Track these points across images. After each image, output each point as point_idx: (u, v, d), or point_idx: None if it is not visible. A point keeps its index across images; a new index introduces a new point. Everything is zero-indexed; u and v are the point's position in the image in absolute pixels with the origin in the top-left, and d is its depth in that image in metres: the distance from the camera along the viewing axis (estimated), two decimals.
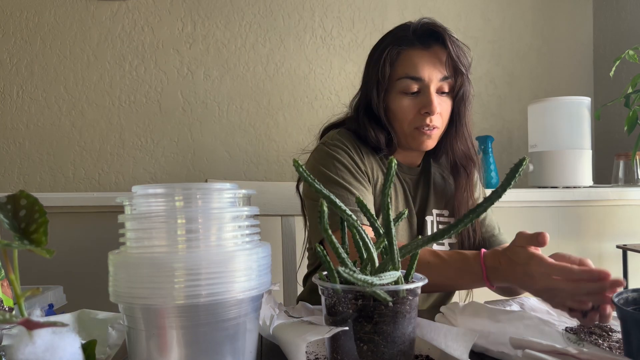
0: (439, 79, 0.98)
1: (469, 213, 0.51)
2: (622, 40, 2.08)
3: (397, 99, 1.00)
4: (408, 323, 0.52)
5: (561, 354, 0.51)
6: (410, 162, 1.09)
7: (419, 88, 0.99)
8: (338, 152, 1.01)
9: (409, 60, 0.99)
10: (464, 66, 1.00)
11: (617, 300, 0.55)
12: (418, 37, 0.99)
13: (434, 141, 1.03)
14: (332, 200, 0.53)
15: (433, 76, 0.98)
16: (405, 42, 1.00)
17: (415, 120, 1.00)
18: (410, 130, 1.01)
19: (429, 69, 0.98)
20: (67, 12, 1.93)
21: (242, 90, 2.01)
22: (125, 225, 0.49)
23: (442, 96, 1.00)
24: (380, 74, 1.00)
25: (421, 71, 0.97)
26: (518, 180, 0.48)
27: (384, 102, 1.02)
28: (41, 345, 0.38)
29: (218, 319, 0.46)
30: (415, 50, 0.99)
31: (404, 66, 0.99)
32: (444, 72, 0.98)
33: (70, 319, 0.70)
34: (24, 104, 1.91)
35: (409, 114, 1.00)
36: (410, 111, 1.00)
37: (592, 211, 1.74)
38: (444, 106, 1.01)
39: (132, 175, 1.95)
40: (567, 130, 1.75)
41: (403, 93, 0.99)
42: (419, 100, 0.99)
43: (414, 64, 0.98)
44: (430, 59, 0.98)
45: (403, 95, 1.00)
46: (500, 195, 0.49)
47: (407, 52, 0.99)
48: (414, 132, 1.01)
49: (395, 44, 1.00)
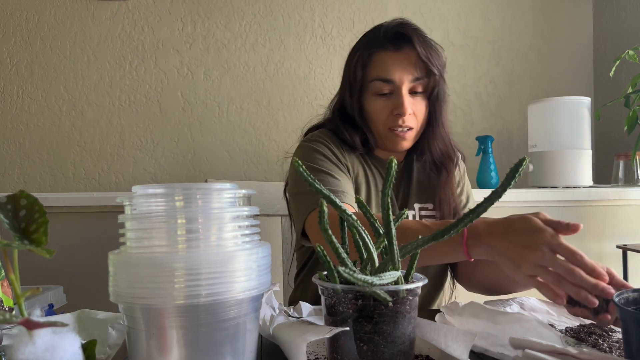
0: (410, 80, 0.99)
1: (469, 213, 0.51)
2: (622, 40, 2.08)
3: (371, 101, 1.02)
4: (408, 323, 0.52)
5: (561, 354, 0.51)
6: None
7: (391, 90, 1.00)
8: (318, 145, 1.04)
9: (380, 62, 1.00)
10: (436, 66, 1.00)
11: (617, 300, 0.55)
12: (389, 39, 1.00)
13: (409, 142, 1.04)
14: (332, 200, 0.53)
15: (404, 77, 0.99)
16: (376, 44, 1.01)
17: (389, 122, 1.01)
18: (384, 132, 1.03)
19: (400, 71, 0.98)
20: (67, 12, 1.93)
21: (242, 90, 2.01)
22: (125, 225, 0.49)
23: (415, 96, 1.01)
24: (352, 77, 1.03)
25: (392, 73, 0.98)
26: (518, 180, 0.48)
27: (358, 104, 1.04)
28: (41, 345, 0.38)
29: (218, 319, 0.46)
30: (386, 52, 1.00)
31: (375, 68, 1.00)
32: (415, 73, 0.99)
33: (70, 319, 0.70)
34: (24, 104, 1.91)
35: (382, 115, 1.01)
36: (383, 112, 1.01)
37: (592, 211, 1.74)
38: (419, 106, 1.01)
39: (132, 175, 1.95)
40: (567, 130, 1.75)
41: (376, 95, 1.01)
42: (391, 101, 1.00)
43: (384, 66, 0.99)
44: (401, 60, 0.99)
45: (376, 96, 1.01)
46: (500, 195, 0.49)
47: (378, 54, 1.01)
48: (388, 133, 1.02)
49: (367, 47, 1.02)
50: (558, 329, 0.71)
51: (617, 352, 0.61)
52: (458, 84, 2.15)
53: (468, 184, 1.17)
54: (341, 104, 1.08)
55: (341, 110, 1.08)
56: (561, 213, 1.73)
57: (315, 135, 1.08)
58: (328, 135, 1.07)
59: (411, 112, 1.00)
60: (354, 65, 1.03)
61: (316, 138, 1.07)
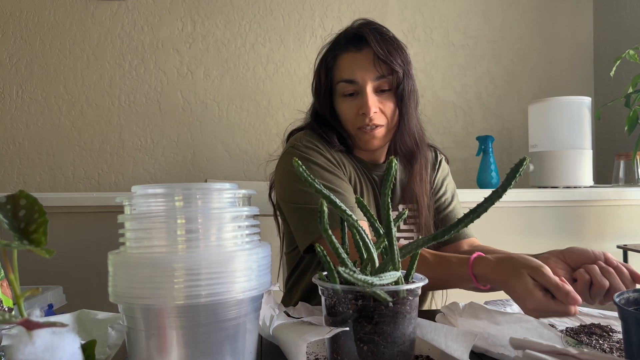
0: (373, 79, 1.00)
1: (469, 213, 0.51)
2: (622, 40, 2.08)
3: (340, 102, 1.05)
4: (408, 323, 0.52)
5: (561, 354, 0.51)
6: (374, 159, 1.12)
7: (356, 90, 1.02)
8: (311, 153, 1.03)
9: (343, 64, 1.03)
10: (398, 64, 1.00)
11: (618, 301, 0.55)
12: (350, 41, 1.03)
13: (379, 140, 1.05)
14: (332, 201, 0.53)
15: (366, 77, 1.00)
16: (339, 46, 1.04)
17: (357, 121, 1.03)
18: (354, 131, 1.05)
19: (361, 71, 1.00)
20: (67, 12, 1.93)
21: (242, 90, 2.01)
22: (125, 225, 0.48)
23: (382, 94, 1.02)
24: (319, 81, 1.07)
25: (354, 74, 1.01)
26: (518, 180, 0.48)
27: (328, 106, 1.07)
28: (41, 345, 0.38)
29: (218, 319, 0.46)
30: (348, 53, 1.03)
31: (339, 70, 1.03)
32: (376, 72, 1.00)
33: (70, 319, 0.70)
34: (24, 104, 1.91)
35: (349, 116, 1.04)
36: (351, 112, 1.03)
37: (593, 211, 1.74)
38: (386, 104, 1.02)
39: (132, 175, 1.95)
40: (567, 130, 1.75)
41: (343, 96, 1.04)
42: (357, 101, 1.02)
43: (347, 68, 1.02)
44: (362, 60, 1.01)
45: (343, 98, 1.04)
46: (500, 195, 0.49)
47: (341, 56, 1.04)
48: (358, 133, 1.04)
49: (331, 50, 1.06)
50: (558, 329, 0.71)
51: (618, 353, 0.61)
52: (458, 84, 2.15)
53: (453, 184, 1.20)
54: (315, 108, 1.12)
55: (316, 114, 1.11)
56: (561, 213, 1.73)
57: (303, 139, 1.06)
58: (314, 136, 1.08)
59: (377, 111, 1.01)
60: (320, 69, 1.07)
61: (305, 144, 1.05)
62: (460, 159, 2.14)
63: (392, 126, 1.05)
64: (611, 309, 0.80)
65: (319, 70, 1.07)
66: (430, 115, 2.14)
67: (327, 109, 1.07)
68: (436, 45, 2.11)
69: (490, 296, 0.93)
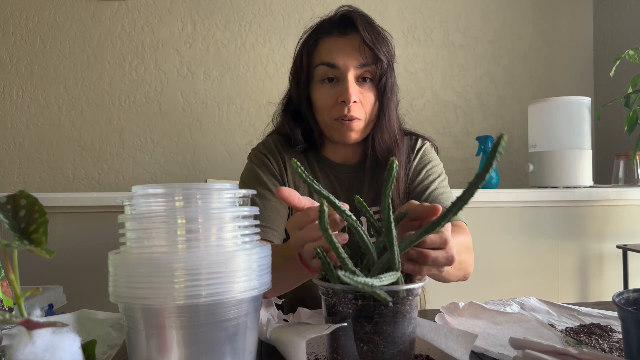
0: (356, 66, 0.95)
1: (456, 201, 0.49)
2: (622, 40, 2.08)
3: (317, 88, 0.99)
4: (408, 323, 0.52)
5: (561, 354, 0.51)
6: (346, 159, 1.06)
7: (336, 75, 0.96)
8: (258, 165, 1.03)
9: (325, 47, 0.97)
10: (383, 53, 0.95)
11: (617, 300, 0.55)
12: (335, 25, 0.98)
13: (356, 133, 0.98)
14: (332, 201, 0.53)
15: (349, 63, 0.95)
16: (322, 30, 0.99)
17: (334, 111, 0.97)
18: (330, 121, 0.98)
19: (345, 56, 0.95)
20: (67, 12, 1.93)
21: (242, 90, 2.01)
22: (125, 225, 0.48)
23: (363, 84, 0.97)
24: (299, 64, 1.01)
25: (337, 58, 0.95)
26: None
27: (305, 93, 1.00)
28: (41, 345, 0.38)
29: (218, 319, 0.46)
30: (332, 38, 0.97)
31: (320, 54, 0.98)
32: (360, 59, 0.95)
33: (70, 319, 0.70)
34: (24, 104, 1.91)
35: (327, 103, 0.97)
36: (329, 100, 0.97)
37: (593, 211, 1.74)
38: (367, 95, 0.97)
39: (132, 175, 1.95)
40: (567, 130, 1.75)
41: (322, 82, 0.97)
42: (337, 88, 0.96)
43: (329, 51, 0.96)
44: (347, 46, 0.95)
45: (322, 83, 0.98)
46: (483, 177, 0.45)
47: (324, 40, 0.98)
48: (335, 124, 0.98)
49: (313, 33, 1.00)
50: (558, 329, 0.71)
51: (618, 353, 0.61)
52: (458, 84, 2.15)
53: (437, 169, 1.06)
54: (289, 97, 1.06)
55: (288, 104, 1.06)
56: (561, 213, 1.73)
57: (259, 148, 1.07)
58: (270, 146, 1.05)
59: (357, 101, 0.95)
60: (300, 52, 1.01)
61: (257, 153, 1.06)
62: (460, 159, 2.14)
63: (371, 120, 0.99)
64: (611, 309, 0.80)
65: (300, 53, 1.01)
66: (430, 115, 2.14)
67: (304, 98, 1.01)
68: (436, 45, 2.11)
69: (490, 296, 0.93)
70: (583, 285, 1.73)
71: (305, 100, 1.01)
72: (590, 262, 1.73)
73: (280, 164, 1.04)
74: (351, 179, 1.05)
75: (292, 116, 1.04)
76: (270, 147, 1.07)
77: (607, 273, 1.73)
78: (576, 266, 1.72)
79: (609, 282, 1.73)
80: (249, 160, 1.07)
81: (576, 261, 1.72)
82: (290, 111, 1.05)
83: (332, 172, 1.05)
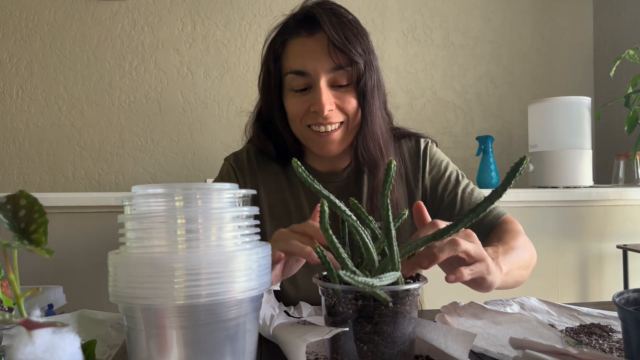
0: (327, 71, 0.82)
1: (468, 213, 0.50)
2: (622, 40, 2.08)
3: (288, 97, 0.87)
4: (408, 323, 0.52)
5: (561, 354, 0.51)
6: (332, 168, 0.96)
7: (308, 83, 0.84)
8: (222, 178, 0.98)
9: (292, 51, 0.85)
10: (357, 53, 0.82)
11: (617, 300, 0.55)
12: (301, 23, 0.85)
13: (338, 145, 0.87)
14: (332, 201, 0.53)
15: (319, 68, 0.82)
16: (288, 30, 0.86)
17: (308, 118, 0.85)
18: (305, 131, 0.87)
19: (314, 60, 0.82)
20: (67, 12, 1.93)
21: (242, 90, 2.01)
22: (125, 225, 0.48)
23: (340, 89, 0.84)
24: (268, 72, 0.89)
25: (305, 64, 0.82)
26: (518, 180, 0.48)
27: (276, 103, 0.89)
28: (41, 345, 0.38)
29: (218, 319, 0.46)
30: (299, 39, 0.84)
31: (288, 60, 0.85)
32: (331, 62, 0.82)
33: (70, 319, 0.70)
34: (24, 104, 1.91)
35: (299, 114, 0.86)
36: (300, 110, 0.85)
37: (593, 211, 1.74)
38: (346, 99, 0.84)
39: (132, 175, 1.95)
40: (567, 130, 1.75)
41: (292, 90, 0.86)
42: (308, 96, 0.84)
43: (297, 56, 0.84)
44: (314, 47, 0.82)
45: (293, 92, 0.86)
46: (500, 195, 0.48)
47: (290, 42, 0.85)
48: (311, 134, 0.87)
49: (279, 34, 0.87)
50: (558, 329, 0.71)
51: (618, 353, 0.61)
52: (458, 84, 2.15)
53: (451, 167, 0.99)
54: (259, 107, 0.95)
55: (259, 115, 0.95)
56: (561, 213, 1.73)
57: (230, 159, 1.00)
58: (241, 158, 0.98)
59: (333, 108, 0.83)
60: (267, 59, 0.89)
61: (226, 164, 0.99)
62: (460, 159, 2.14)
63: (354, 126, 0.87)
64: (611, 309, 0.80)
65: (267, 59, 0.88)
66: (430, 115, 2.14)
67: (277, 108, 0.89)
68: (436, 45, 2.11)
69: (490, 296, 0.93)
70: (583, 285, 1.73)
71: (277, 110, 0.90)
72: (590, 262, 1.73)
73: (247, 181, 0.96)
74: (340, 188, 0.95)
75: (264, 127, 0.94)
76: (241, 161, 0.99)
77: (607, 273, 1.73)
78: (576, 266, 1.72)
79: (609, 282, 1.73)
80: (220, 169, 1.02)
81: (576, 261, 1.72)
82: (262, 122, 0.94)
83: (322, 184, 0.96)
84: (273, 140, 0.94)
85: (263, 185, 0.96)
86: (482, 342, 0.62)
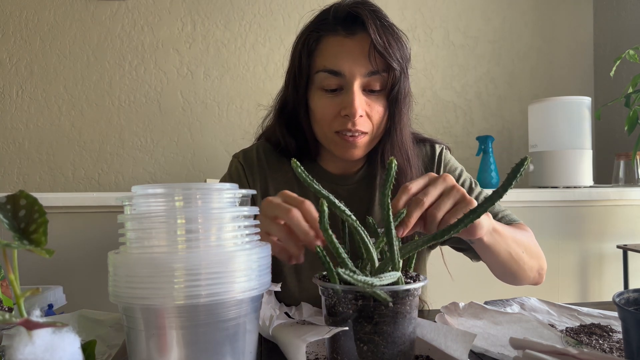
0: (363, 75, 0.80)
1: (469, 213, 0.51)
2: (622, 40, 2.08)
3: (316, 96, 0.84)
4: (408, 323, 0.52)
5: (561, 354, 0.51)
6: (345, 170, 0.94)
7: (340, 84, 0.81)
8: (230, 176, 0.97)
9: (328, 49, 0.81)
10: (396, 59, 0.81)
11: (617, 301, 0.55)
12: (341, 22, 0.81)
13: (361, 150, 0.85)
14: (332, 201, 0.53)
15: (356, 70, 0.79)
16: (325, 26, 0.82)
17: (336, 123, 0.82)
18: (331, 135, 0.84)
19: (351, 62, 0.79)
20: (67, 12, 1.93)
21: (242, 90, 2.01)
22: (125, 225, 0.48)
23: (371, 95, 0.82)
24: (297, 66, 0.86)
25: (341, 64, 0.79)
26: (519, 180, 0.48)
27: (303, 100, 0.86)
28: (41, 345, 0.38)
29: (218, 319, 0.46)
30: (336, 37, 0.81)
31: (322, 57, 0.82)
32: (369, 66, 0.80)
33: (70, 319, 0.70)
34: (24, 104, 1.91)
35: (327, 116, 0.83)
36: (330, 112, 0.82)
37: (593, 211, 1.74)
38: (375, 107, 0.82)
39: (132, 175, 1.95)
40: (567, 130, 1.75)
41: (322, 89, 0.83)
42: (340, 99, 0.81)
43: (332, 55, 0.81)
44: (353, 49, 0.80)
45: (322, 92, 0.83)
46: (501, 195, 0.49)
47: (327, 39, 0.82)
48: (336, 138, 0.84)
49: (315, 29, 0.84)
50: (558, 329, 0.71)
51: (618, 353, 0.61)
52: (458, 84, 2.15)
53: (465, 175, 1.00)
54: (284, 100, 0.91)
55: (282, 109, 0.91)
56: (561, 213, 1.73)
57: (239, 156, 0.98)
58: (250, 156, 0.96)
59: (363, 114, 0.81)
60: (299, 52, 0.85)
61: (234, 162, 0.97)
62: (461, 159, 2.13)
63: (377, 134, 0.86)
64: (611, 309, 0.80)
65: (299, 53, 0.85)
66: (430, 115, 2.14)
67: (303, 104, 0.86)
68: (436, 45, 2.11)
69: (490, 296, 0.93)
70: (583, 285, 1.73)
71: (303, 107, 0.87)
72: (590, 262, 1.73)
73: (256, 180, 0.94)
74: (351, 191, 0.93)
75: (287, 123, 0.91)
76: (250, 159, 0.96)
77: (607, 273, 1.73)
78: (576, 266, 1.72)
79: (609, 282, 1.73)
80: (229, 166, 1.00)
81: (576, 261, 1.72)
82: (285, 118, 0.91)
83: (329, 186, 0.90)
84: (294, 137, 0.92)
85: (272, 184, 0.95)
86: (482, 342, 0.62)
